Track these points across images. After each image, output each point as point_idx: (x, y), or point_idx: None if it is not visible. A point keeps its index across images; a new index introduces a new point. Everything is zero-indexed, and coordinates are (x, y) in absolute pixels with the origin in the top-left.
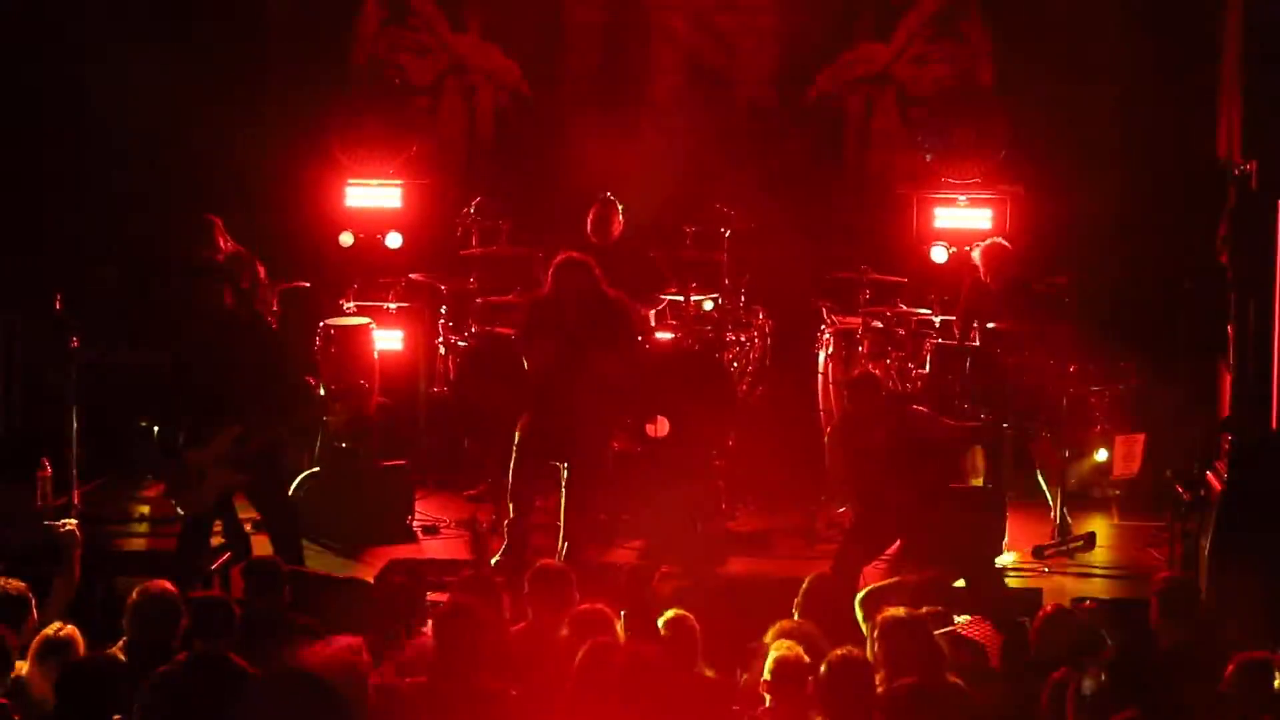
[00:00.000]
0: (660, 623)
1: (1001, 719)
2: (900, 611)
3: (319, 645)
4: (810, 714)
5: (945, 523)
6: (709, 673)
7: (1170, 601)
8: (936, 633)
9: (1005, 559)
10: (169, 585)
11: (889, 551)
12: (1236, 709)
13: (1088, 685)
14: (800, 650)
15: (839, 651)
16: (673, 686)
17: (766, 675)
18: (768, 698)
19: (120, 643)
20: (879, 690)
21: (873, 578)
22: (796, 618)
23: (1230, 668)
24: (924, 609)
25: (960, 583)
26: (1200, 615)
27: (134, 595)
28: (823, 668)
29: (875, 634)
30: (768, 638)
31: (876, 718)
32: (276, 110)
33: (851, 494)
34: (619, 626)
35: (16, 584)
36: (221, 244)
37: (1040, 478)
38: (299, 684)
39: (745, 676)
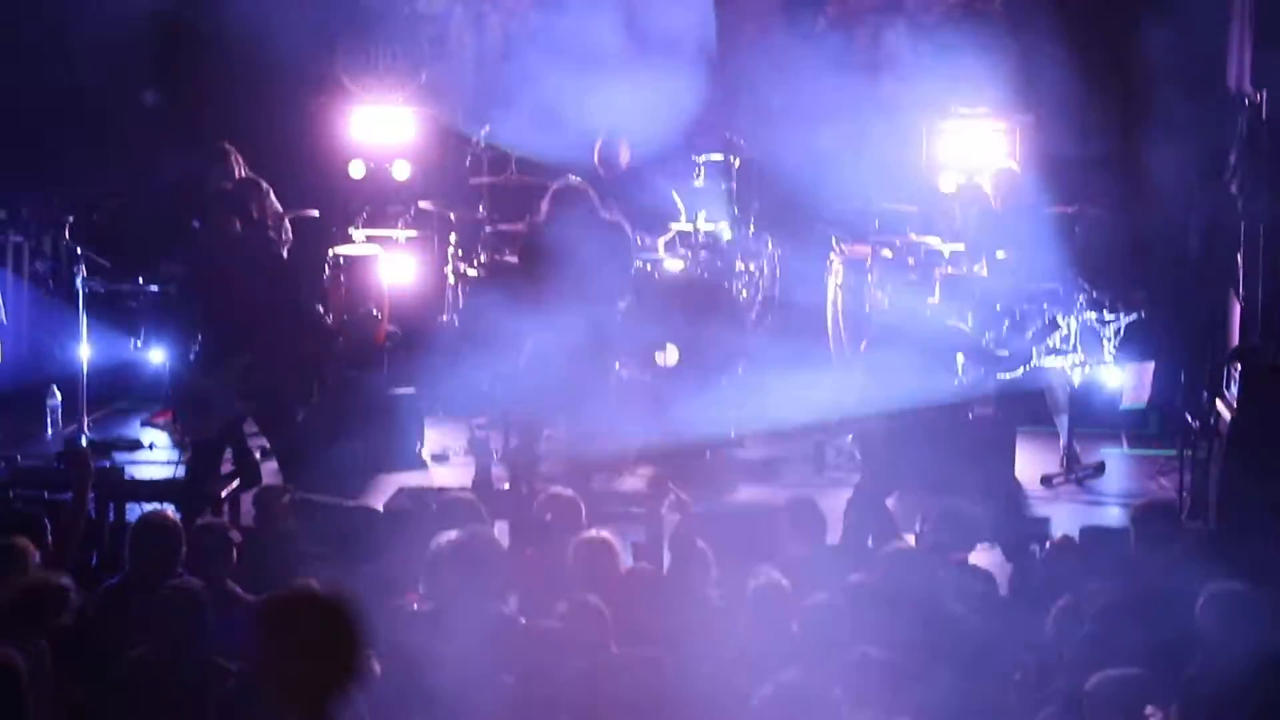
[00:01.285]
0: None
1: (1010, 648)
2: None
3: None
4: None
5: (956, 450)
6: None
7: (1148, 525)
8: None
9: (1016, 487)
10: (168, 514)
11: None
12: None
13: None
14: None
15: None
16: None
17: None
18: None
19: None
20: None
21: None
22: None
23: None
24: None
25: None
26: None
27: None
28: None
29: None
30: None
31: None
32: (285, 39)
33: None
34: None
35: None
36: (236, 172)
37: (1049, 406)
38: (305, 604)
39: None
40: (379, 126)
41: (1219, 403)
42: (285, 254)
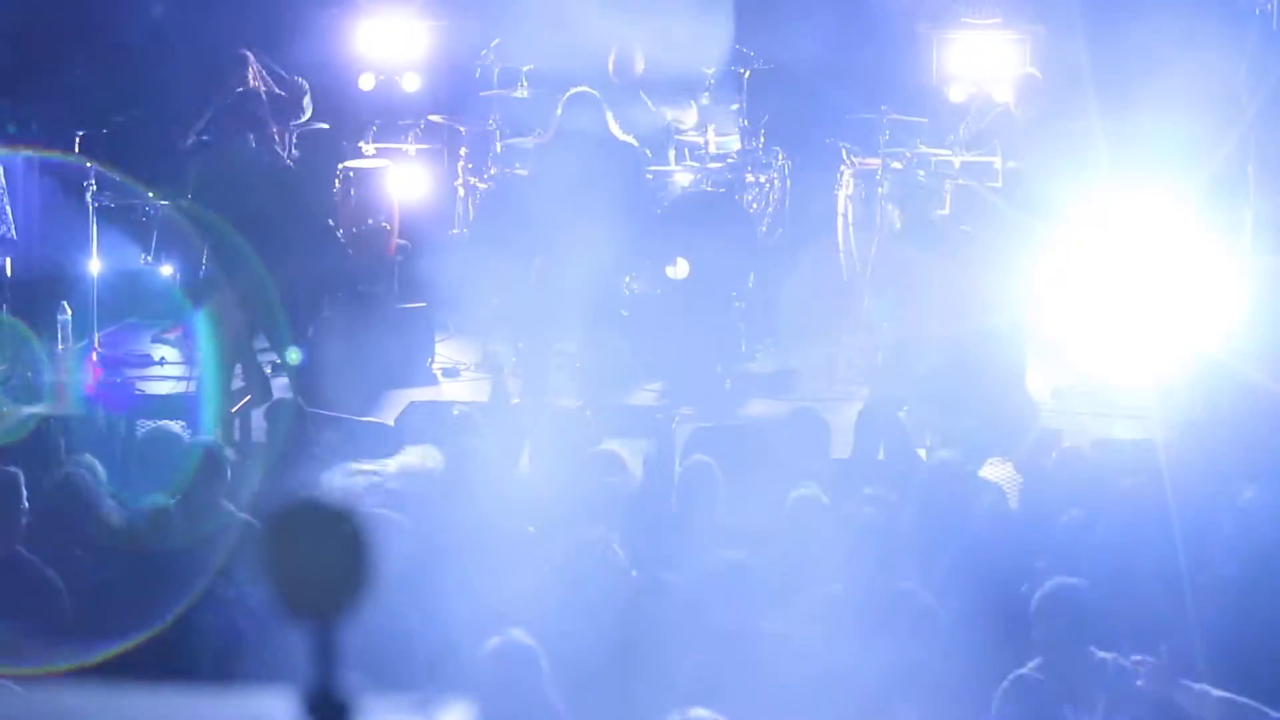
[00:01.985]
0: None
1: (1017, 561)
2: None
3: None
4: None
5: (966, 360)
6: None
7: None
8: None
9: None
10: (174, 427)
11: None
12: None
13: None
14: None
15: None
16: None
17: None
18: None
19: None
20: None
21: None
22: None
23: None
24: None
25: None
26: None
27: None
28: None
29: None
30: None
31: None
32: None
33: None
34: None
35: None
36: (252, 81)
37: None
38: (311, 513)
39: None
40: (389, 39)
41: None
42: (294, 166)
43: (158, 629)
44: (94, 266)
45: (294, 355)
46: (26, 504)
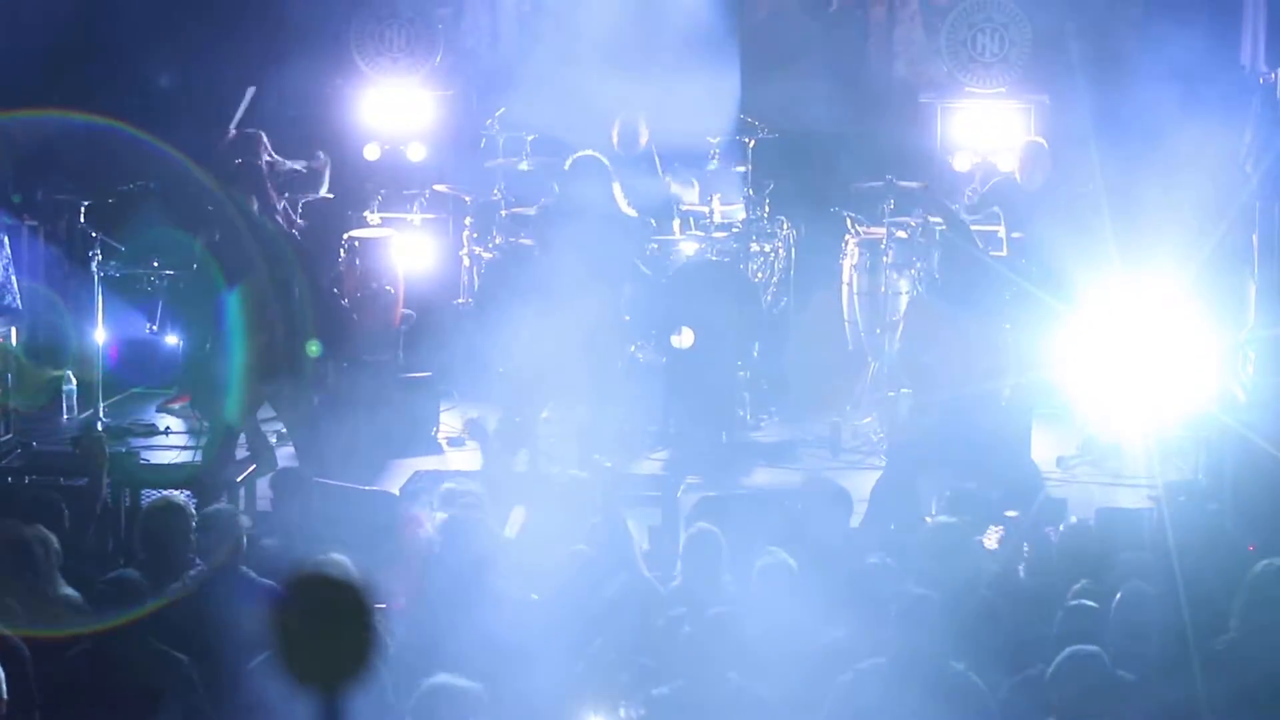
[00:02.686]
0: None
1: (1026, 630)
2: None
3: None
4: None
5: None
6: None
7: None
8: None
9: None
10: (178, 499)
11: None
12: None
13: None
14: None
15: None
16: None
17: None
18: None
19: None
20: None
21: None
22: None
23: None
24: None
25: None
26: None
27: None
28: None
29: None
30: None
31: None
32: (300, 21)
33: None
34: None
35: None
36: (264, 158)
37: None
38: (320, 587)
39: None
40: (394, 109)
41: (1236, 386)
42: (299, 236)
43: None
44: (99, 336)
45: (314, 348)
46: None
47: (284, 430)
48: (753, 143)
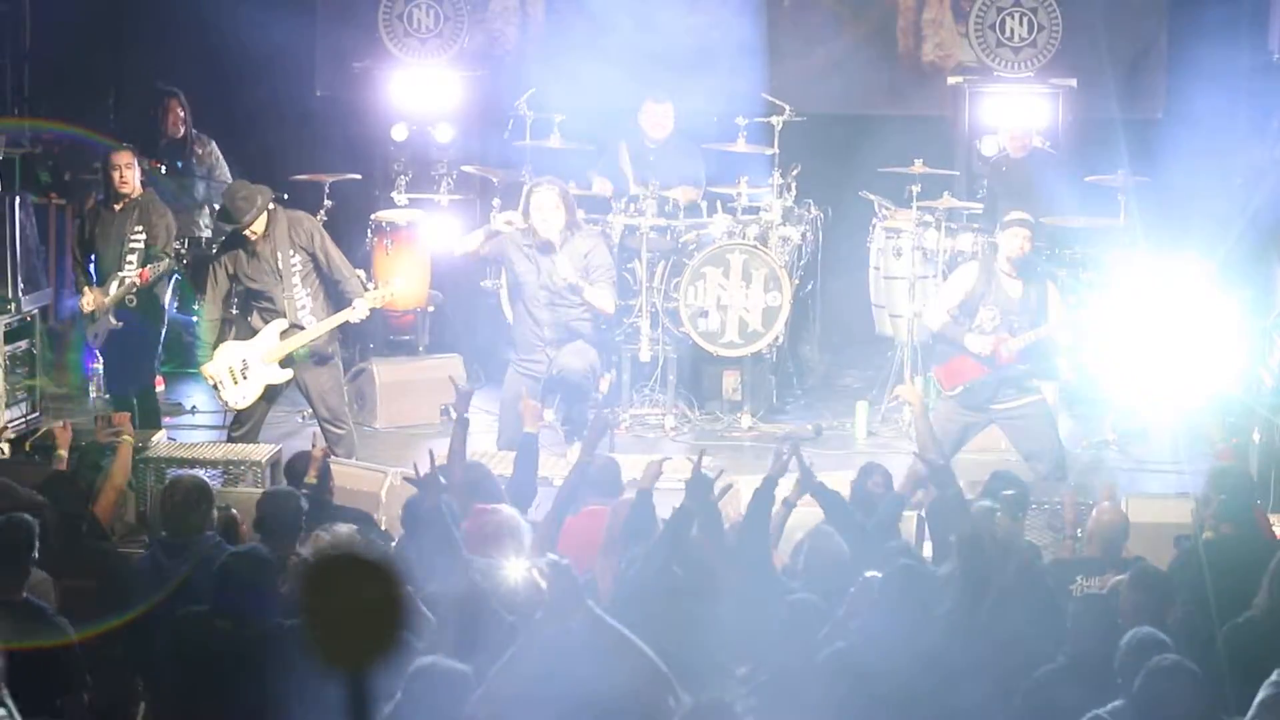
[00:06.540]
0: None
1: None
2: None
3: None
4: None
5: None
6: None
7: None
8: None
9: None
10: (199, 478)
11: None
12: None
13: None
14: None
15: None
16: None
17: None
18: None
19: None
20: None
21: None
22: None
23: None
24: None
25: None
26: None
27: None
28: None
29: None
30: None
31: None
32: (327, 1)
33: None
34: None
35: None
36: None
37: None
38: (344, 562)
39: None
40: (422, 90)
41: (1264, 372)
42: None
43: None
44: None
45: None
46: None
47: (311, 412)
48: (780, 125)
